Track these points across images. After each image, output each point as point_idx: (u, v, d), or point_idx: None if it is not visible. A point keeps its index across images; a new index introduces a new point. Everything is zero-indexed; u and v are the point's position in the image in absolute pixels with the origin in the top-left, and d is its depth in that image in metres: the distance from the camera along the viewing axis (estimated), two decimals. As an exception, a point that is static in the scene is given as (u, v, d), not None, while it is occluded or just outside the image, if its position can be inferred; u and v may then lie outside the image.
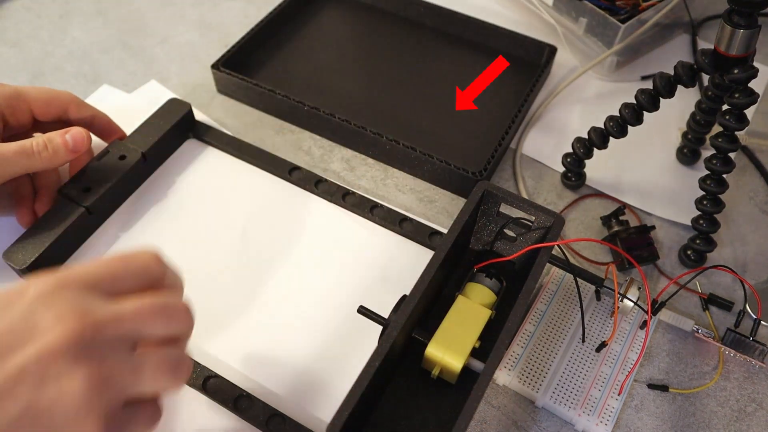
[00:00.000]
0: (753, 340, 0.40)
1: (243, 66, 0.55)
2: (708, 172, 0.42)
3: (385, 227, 0.46)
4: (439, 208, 0.48)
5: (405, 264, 0.44)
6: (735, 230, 0.48)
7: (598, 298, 0.42)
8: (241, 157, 0.49)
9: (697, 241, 0.45)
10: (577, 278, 0.41)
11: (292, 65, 0.57)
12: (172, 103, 0.50)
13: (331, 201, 0.47)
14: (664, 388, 0.40)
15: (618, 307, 0.40)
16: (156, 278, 0.29)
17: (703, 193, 0.43)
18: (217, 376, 0.38)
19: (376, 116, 0.53)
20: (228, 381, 0.38)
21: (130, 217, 0.46)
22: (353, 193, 0.47)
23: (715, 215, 0.44)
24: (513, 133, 0.52)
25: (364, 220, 0.46)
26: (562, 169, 0.50)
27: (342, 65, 0.58)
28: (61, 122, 0.45)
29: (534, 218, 0.40)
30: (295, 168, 0.48)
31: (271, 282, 0.43)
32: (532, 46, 0.57)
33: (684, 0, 0.55)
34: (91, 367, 0.25)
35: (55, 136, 0.41)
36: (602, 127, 0.45)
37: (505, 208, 0.41)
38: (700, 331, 0.41)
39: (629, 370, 0.40)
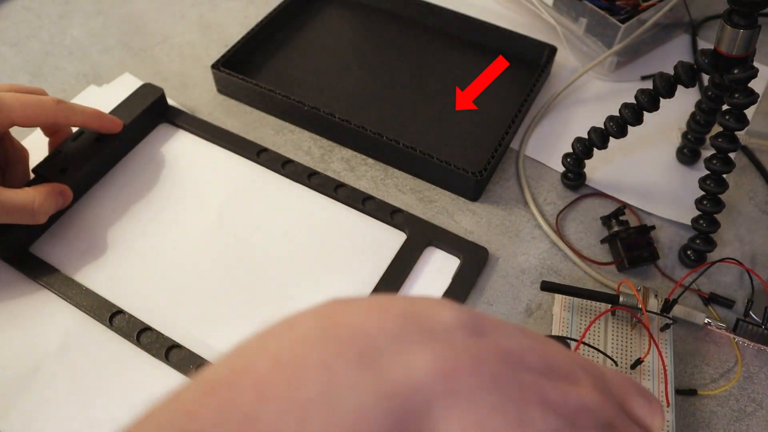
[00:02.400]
0: (766, 328, 0.40)
1: (243, 66, 0.55)
2: (708, 172, 0.42)
3: (349, 206, 0.47)
4: (439, 208, 0.48)
5: (373, 241, 0.46)
6: (735, 230, 0.48)
7: (614, 313, 0.42)
8: (213, 140, 0.51)
9: (697, 241, 0.45)
10: (612, 309, 0.40)
11: (292, 65, 0.57)
12: (144, 87, 0.51)
13: (297, 181, 0.49)
14: (692, 392, 0.39)
15: (649, 328, 0.39)
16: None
17: (703, 193, 0.43)
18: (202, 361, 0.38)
19: (376, 116, 0.53)
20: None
21: (102, 199, 0.47)
22: (319, 173, 0.48)
23: (715, 215, 0.44)
24: (513, 133, 0.52)
25: (331, 201, 0.48)
26: (562, 169, 0.50)
27: (342, 65, 0.58)
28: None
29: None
30: (262, 150, 0.50)
31: (247, 264, 0.44)
32: (532, 46, 0.57)
33: (684, 0, 0.55)
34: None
35: (53, 203, 0.41)
36: (602, 127, 0.45)
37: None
38: (711, 323, 0.41)
39: (666, 378, 0.39)
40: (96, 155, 0.46)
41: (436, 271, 0.44)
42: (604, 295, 0.41)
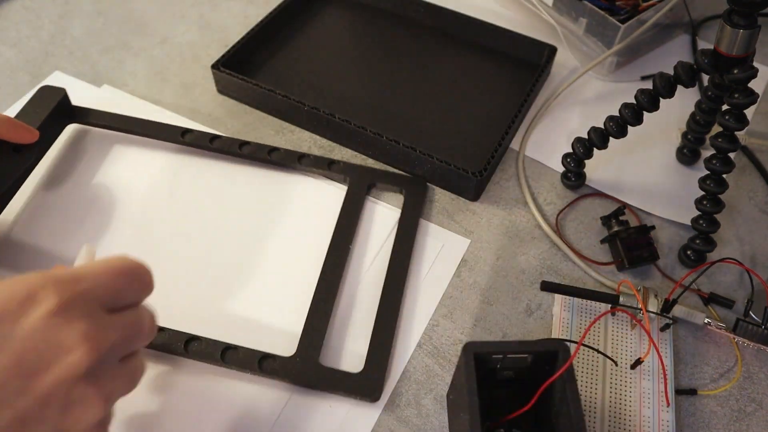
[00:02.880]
0: (766, 328, 0.40)
1: (243, 66, 0.55)
2: (708, 172, 0.42)
3: (285, 167, 0.49)
4: (439, 207, 0.48)
5: (317, 196, 0.47)
6: (735, 230, 0.48)
7: (614, 313, 0.42)
8: (130, 130, 0.50)
9: (697, 241, 0.45)
10: (614, 309, 0.41)
11: (292, 65, 0.57)
12: (44, 90, 0.49)
13: (228, 153, 0.49)
14: (692, 391, 0.40)
15: (648, 330, 0.39)
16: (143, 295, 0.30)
17: (703, 193, 0.43)
18: (197, 337, 0.39)
19: (375, 116, 0.53)
20: (209, 339, 0.39)
21: (20, 217, 0.45)
22: (249, 143, 0.49)
23: (714, 215, 0.44)
24: (513, 133, 0.52)
25: (265, 167, 0.49)
26: (562, 169, 0.50)
27: (342, 65, 0.58)
28: None
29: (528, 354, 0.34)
30: (186, 131, 0.50)
31: (194, 247, 0.45)
32: (532, 46, 0.57)
33: (684, 0, 0.55)
34: (104, 388, 0.26)
35: None
36: (602, 127, 0.45)
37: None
38: (711, 323, 0.41)
39: (665, 378, 0.39)
40: (13, 167, 0.43)
41: (384, 209, 0.47)
42: (604, 295, 0.41)
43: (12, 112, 0.51)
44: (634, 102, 0.43)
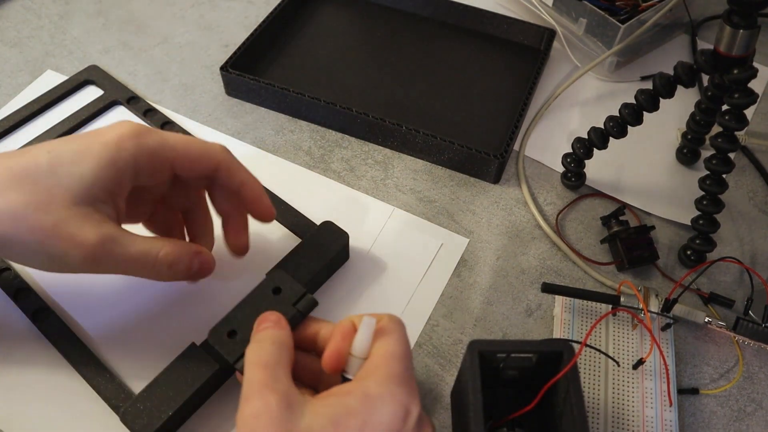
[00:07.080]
0: (766, 327, 0.40)
1: (248, 67, 0.55)
2: (708, 172, 0.43)
3: None
4: (438, 208, 0.48)
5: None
6: (735, 230, 0.48)
7: (615, 314, 0.42)
8: None
9: (697, 241, 0.45)
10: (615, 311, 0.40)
11: (297, 63, 0.57)
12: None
13: None
14: (694, 391, 0.40)
15: (651, 329, 0.39)
16: None
17: (703, 193, 0.43)
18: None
19: (386, 108, 0.54)
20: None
21: None
22: None
23: (714, 215, 0.44)
24: (525, 114, 0.53)
25: None
26: (562, 169, 0.50)
27: (345, 61, 0.58)
28: (204, 178, 0.37)
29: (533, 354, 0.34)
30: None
31: None
32: (530, 31, 0.59)
33: (684, 0, 0.55)
34: None
35: (182, 259, 0.35)
36: (602, 127, 0.46)
37: None
38: (711, 322, 0.41)
39: (668, 378, 0.39)
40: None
41: None
42: (605, 296, 0.41)
43: (9, 109, 0.52)
44: (634, 102, 0.43)
